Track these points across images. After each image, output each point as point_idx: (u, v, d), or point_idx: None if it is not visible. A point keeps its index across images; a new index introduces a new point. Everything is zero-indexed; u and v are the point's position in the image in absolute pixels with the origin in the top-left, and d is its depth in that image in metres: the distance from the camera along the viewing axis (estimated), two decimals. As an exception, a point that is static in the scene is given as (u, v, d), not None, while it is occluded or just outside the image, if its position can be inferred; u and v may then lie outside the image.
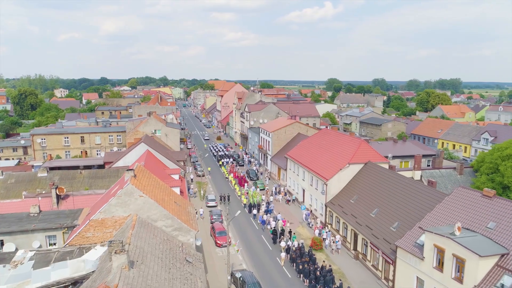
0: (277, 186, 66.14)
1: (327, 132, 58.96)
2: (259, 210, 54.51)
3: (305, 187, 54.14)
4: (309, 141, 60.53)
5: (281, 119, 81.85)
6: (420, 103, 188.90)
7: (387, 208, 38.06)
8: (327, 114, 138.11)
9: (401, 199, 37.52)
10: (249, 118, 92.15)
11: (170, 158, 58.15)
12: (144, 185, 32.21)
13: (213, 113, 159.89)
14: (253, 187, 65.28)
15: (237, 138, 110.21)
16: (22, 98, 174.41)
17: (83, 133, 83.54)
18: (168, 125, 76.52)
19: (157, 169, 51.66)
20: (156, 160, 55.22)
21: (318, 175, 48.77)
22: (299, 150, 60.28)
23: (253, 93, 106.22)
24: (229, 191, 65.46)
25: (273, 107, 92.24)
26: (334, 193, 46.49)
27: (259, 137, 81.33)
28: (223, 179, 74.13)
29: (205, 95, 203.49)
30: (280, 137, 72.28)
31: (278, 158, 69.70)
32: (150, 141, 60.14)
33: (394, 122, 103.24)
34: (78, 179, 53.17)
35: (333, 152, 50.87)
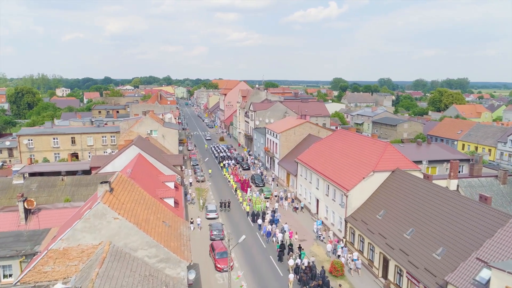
0: (282, 191, 59.45)
1: (344, 133, 51.78)
2: (263, 219, 47.88)
3: (320, 197, 47.00)
4: (323, 143, 53.38)
5: (289, 118, 74.75)
6: (432, 102, 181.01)
7: (425, 229, 30.86)
8: (336, 113, 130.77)
9: (444, 218, 30.30)
10: (254, 118, 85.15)
11: (165, 162, 51.26)
12: (123, 201, 25.26)
13: (216, 113, 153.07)
14: (256, 192, 58.65)
15: (241, 139, 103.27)
16: (19, 96, 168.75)
17: (73, 133, 76.89)
18: (166, 125, 69.70)
19: (149, 176, 44.80)
20: (149, 165, 48.36)
21: (336, 184, 41.61)
22: (311, 153, 53.15)
23: (258, 91, 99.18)
24: (230, 196, 59.06)
25: (280, 105, 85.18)
26: (355, 206, 39.34)
27: (265, 139, 74.29)
28: (224, 182, 67.77)
29: (208, 94, 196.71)
30: (289, 139, 65.19)
31: (287, 162, 62.62)
32: (143, 143, 53.30)
33: (410, 123, 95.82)
34: (59, 187, 46.39)
35: (353, 158, 43.69)
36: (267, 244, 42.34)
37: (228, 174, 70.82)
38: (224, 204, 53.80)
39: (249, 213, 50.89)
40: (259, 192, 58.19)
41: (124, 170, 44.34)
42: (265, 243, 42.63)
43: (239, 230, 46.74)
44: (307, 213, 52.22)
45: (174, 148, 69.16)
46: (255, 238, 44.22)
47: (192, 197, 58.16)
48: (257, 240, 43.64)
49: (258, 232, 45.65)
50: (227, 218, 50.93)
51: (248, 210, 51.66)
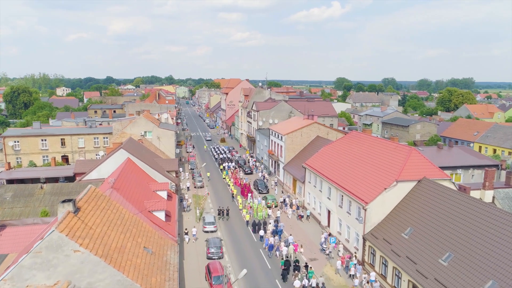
0: (286, 197, 54.24)
1: (358, 136, 46.20)
2: (265, 230, 42.99)
3: (332, 208, 41.42)
4: (334, 147, 47.83)
5: (295, 119, 69.19)
6: (441, 102, 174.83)
7: (467, 254, 25.26)
8: (342, 113, 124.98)
9: (491, 242, 24.69)
10: (257, 118, 79.66)
11: (157, 168, 45.87)
12: (91, 225, 19.83)
13: (218, 113, 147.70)
14: (258, 198, 53.48)
15: (243, 140, 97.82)
16: (15, 96, 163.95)
17: (63, 134, 71.66)
18: (162, 126, 64.32)
19: (138, 184, 39.45)
20: (139, 172, 43.00)
21: (352, 195, 36.03)
22: (321, 158, 47.60)
23: (261, 90, 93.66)
24: (229, 202, 54.23)
25: (285, 105, 79.62)
26: (375, 221, 33.77)
27: (268, 141, 68.78)
28: (223, 187, 62.92)
29: (210, 93, 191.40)
30: (295, 141, 59.66)
31: (293, 166, 57.09)
32: (134, 146, 47.95)
33: (423, 123, 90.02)
34: (37, 197, 41.11)
35: (372, 164, 38.11)
36: (270, 260, 37.21)
37: (228, 178, 65.71)
38: (222, 212, 48.93)
39: (249, 222, 46.16)
40: (263, 199, 52.69)
41: (111, 177, 39.04)
42: (268, 258, 37.51)
43: (238, 242, 41.64)
44: (313, 222, 46.98)
45: (171, 151, 63.80)
46: (256, 252, 39.12)
47: (188, 204, 53.00)
48: (258, 255, 38.50)
49: (259, 245, 40.62)
50: (226, 228, 45.89)
51: (248, 218, 46.76)
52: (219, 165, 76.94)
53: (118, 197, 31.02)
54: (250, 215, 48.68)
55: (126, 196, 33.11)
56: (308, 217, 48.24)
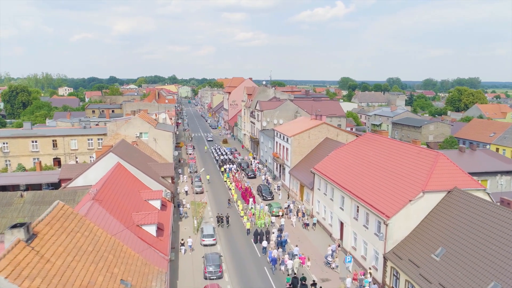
0: (291, 203, 50.20)
1: (373, 138, 41.57)
2: (268, 240, 38.94)
3: (345, 220, 36.84)
4: (346, 150, 43.25)
5: (302, 119, 64.63)
6: (450, 101, 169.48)
7: (519, 285, 20.62)
8: (349, 113, 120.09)
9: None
10: (261, 118, 75.18)
11: (151, 174, 41.49)
12: (48, 257, 15.41)
13: (220, 113, 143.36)
14: (260, 204, 49.43)
15: (246, 142, 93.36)
16: (13, 95, 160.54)
17: (55, 136, 67.50)
18: (158, 127, 59.97)
19: (128, 192, 35.11)
20: (130, 178, 38.64)
21: (370, 207, 31.47)
22: (332, 163, 43.03)
23: (265, 88, 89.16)
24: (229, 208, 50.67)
25: (291, 104, 75.07)
26: (399, 238, 29.18)
27: (273, 142, 64.26)
28: (224, 191, 58.99)
29: (212, 93, 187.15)
30: (303, 143, 55.11)
31: (300, 171, 52.55)
32: (126, 149, 43.61)
33: (437, 124, 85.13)
34: (16, 206, 36.81)
35: (392, 171, 33.51)
36: (274, 276, 33.00)
37: (229, 181, 61.64)
38: (221, 219, 44.98)
39: (250, 230, 42.43)
40: (267, 206, 48.23)
41: (98, 184, 34.76)
42: (271, 274, 33.25)
43: (239, 256, 37.45)
44: (321, 231, 42.87)
45: (168, 154, 59.44)
46: (258, 267, 35.10)
47: (184, 210, 48.88)
48: (260, 270, 34.44)
49: (262, 259, 36.53)
50: (225, 237, 41.95)
51: (249, 226, 42.77)
52: (220, 167, 72.79)
53: (99, 211, 26.67)
54: (252, 222, 44.82)
55: (111, 209, 28.76)
56: (314, 225, 44.11)
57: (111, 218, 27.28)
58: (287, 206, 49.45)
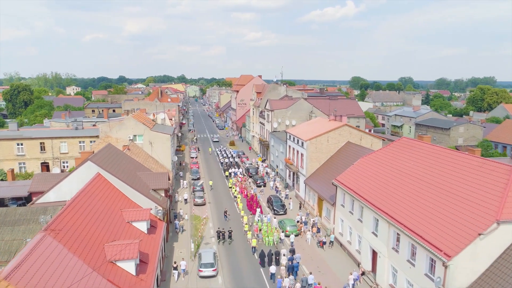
0: (303, 215, 43.84)
1: (412, 144, 33.66)
2: (278, 262, 32.65)
3: (380, 248, 29.05)
4: (377, 159, 35.42)
5: (319, 120, 56.86)
6: (472, 101, 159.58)
7: None
8: (365, 113, 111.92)
9: None
10: (272, 119, 67.63)
11: (139, 186, 34.22)
12: None
13: (228, 112, 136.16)
14: (267, 216, 42.44)
15: (254, 144, 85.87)
16: (15, 94, 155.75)
17: (43, 138, 60.83)
18: (155, 129, 52.80)
19: (106, 212, 27.96)
20: (111, 193, 31.43)
21: (420, 239, 23.65)
22: (359, 174, 35.25)
23: (276, 86, 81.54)
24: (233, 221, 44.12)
25: (305, 103, 67.35)
26: (463, 284, 21.34)
27: (285, 146, 56.65)
28: (229, 199, 52.41)
29: (220, 91, 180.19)
30: (320, 148, 47.40)
31: (318, 181, 44.86)
32: (110, 156, 36.41)
33: (467, 125, 76.53)
34: (-31, 227, 29.82)
35: (445, 189, 25.63)
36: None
37: (234, 188, 54.79)
38: (223, 234, 38.61)
39: (255, 249, 36.03)
40: (281, 226, 40.65)
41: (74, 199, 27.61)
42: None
43: (241, 280, 30.49)
44: (339, 251, 35.61)
45: (166, 159, 52.22)
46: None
47: (181, 224, 41.98)
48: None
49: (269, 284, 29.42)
50: (226, 256, 35.54)
51: (254, 244, 36.15)
52: (224, 172, 65.85)
53: (51, 248, 19.44)
54: (258, 238, 38.41)
55: (73, 241, 21.54)
56: (331, 243, 36.88)
57: (70, 257, 20.05)
58: (300, 220, 42.60)
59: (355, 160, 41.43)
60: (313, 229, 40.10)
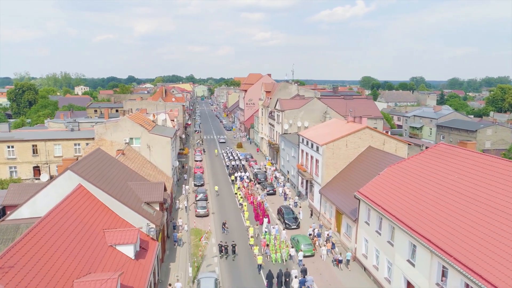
0: (316, 226, 39.24)
1: (453, 152, 28.13)
2: (287, 285, 28.46)
3: (419, 282, 23.55)
4: (409, 168, 29.93)
5: (334, 122, 51.42)
6: (492, 101, 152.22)
7: None
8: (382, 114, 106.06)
9: None
10: (282, 120, 62.37)
11: (128, 200, 29.28)
12: None
13: (235, 113, 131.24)
14: (274, 226, 38.20)
15: (263, 146, 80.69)
16: (19, 94, 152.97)
17: (36, 140, 56.54)
18: (154, 131, 47.94)
19: (83, 234, 23.09)
20: (94, 208, 26.55)
21: (480, 279, 18.18)
22: (387, 186, 29.81)
23: (287, 84, 76.24)
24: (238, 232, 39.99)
25: (318, 103, 61.96)
26: None
27: (297, 151, 51.34)
28: (234, 207, 47.93)
29: (228, 91, 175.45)
30: (338, 154, 42.00)
31: (336, 191, 39.47)
32: (96, 163, 31.57)
33: (496, 127, 70.31)
34: None
35: (504, 212, 20.12)
36: None
37: (240, 194, 50.03)
38: (225, 249, 34.24)
39: (262, 267, 31.50)
40: (294, 243, 35.42)
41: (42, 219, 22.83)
42: None
43: None
44: (358, 270, 30.35)
45: (166, 164, 47.34)
46: None
47: (180, 236, 37.27)
48: None
49: None
50: (228, 274, 31.36)
51: (260, 261, 31.57)
52: (230, 175, 61.16)
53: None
54: (266, 255, 33.98)
55: (29, 280, 16.58)
56: (349, 262, 32.08)
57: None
58: (312, 232, 37.83)
59: (379, 168, 36.05)
60: (328, 245, 35.31)
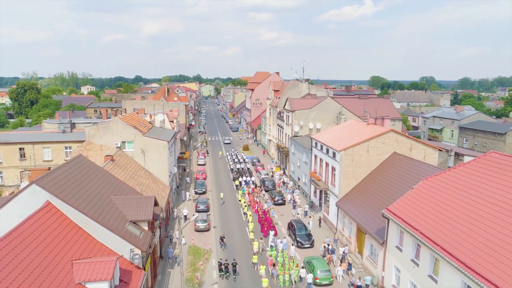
0: (331, 241, 34.91)
1: (509, 163, 22.48)
2: None
3: (477, 337, 17.97)
4: (453, 182, 24.34)
5: (351, 124, 45.83)
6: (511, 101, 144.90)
7: None
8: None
9: None
10: (292, 121, 56.96)
11: (108, 220, 24.12)
12: None
13: (242, 113, 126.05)
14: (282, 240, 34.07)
15: (271, 149, 75.33)
16: (21, 93, 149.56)
17: (23, 143, 51.85)
18: (149, 134, 42.81)
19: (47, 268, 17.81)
20: (65, 232, 21.46)
21: None
22: (425, 204, 24.25)
23: (297, 83, 70.73)
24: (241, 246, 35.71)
25: (332, 103, 56.42)
26: None
27: (310, 156, 45.86)
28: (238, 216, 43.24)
29: (234, 91, 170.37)
30: (358, 161, 36.47)
31: (356, 204, 33.95)
32: (73, 174, 26.46)
33: (527, 130, 64.00)
34: None
35: None
36: None
37: (244, 202, 45.14)
38: (226, 268, 29.70)
39: None
40: (309, 269, 29.97)
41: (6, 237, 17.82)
42: None
43: None
44: None
45: (163, 171, 42.21)
46: None
47: (176, 254, 32.37)
48: None
49: None
50: None
51: (266, 285, 27.21)
52: (234, 180, 56.20)
53: None
54: (272, 276, 29.38)
55: None
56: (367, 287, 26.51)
57: None
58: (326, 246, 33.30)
59: (408, 179, 30.59)
60: (343, 265, 30.37)
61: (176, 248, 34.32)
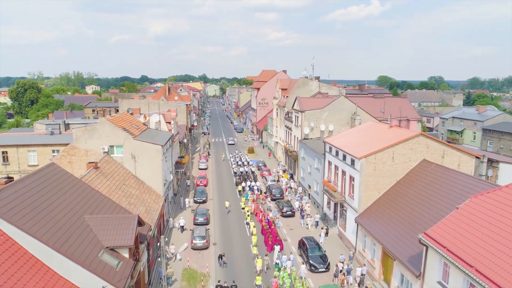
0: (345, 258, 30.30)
1: None
2: None
3: None
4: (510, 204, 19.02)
5: (370, 126, 40.50)
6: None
7: None
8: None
9: None
10: (302, 122, 51.77)
11: (77, 248, 19.14)
12: None
13: (247, 113, 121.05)
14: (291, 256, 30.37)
15: (278, 153, 70.20)
16: (21, 92, 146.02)
17: (6, 146, 47.30)
18: (141, 137, 37.86)
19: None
20: (16, 265, 16.45)
21: None
22: (477, 231, 18.97)
23: (306, 80, 65.46)
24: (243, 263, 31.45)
25: (346, 102, 51.14)
26: None
27: (323, 163, 40.64)
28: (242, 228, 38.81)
29: (239, 90, 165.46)
30: (381, 169, 31.20)
31: (379, 221, 28.71)
32: (37, 188, 21.57)
33: (560, 132, 58.13)
34: None
35: None
36: None
37: (248, 210, 40.38)
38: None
39: None
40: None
41: None
42: None
43: None
44: None
45: (156, 179, 37.27)
46: None
47: (169, 273, 27.50)
48: None
49: None
50: None
51: None
52: (236, 185, 51.39)
53: None
54: None
55: None
56: None
57: None
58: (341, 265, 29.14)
59: (443, 191, 25.46)
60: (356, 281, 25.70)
61: (170, 267, 29.47)
